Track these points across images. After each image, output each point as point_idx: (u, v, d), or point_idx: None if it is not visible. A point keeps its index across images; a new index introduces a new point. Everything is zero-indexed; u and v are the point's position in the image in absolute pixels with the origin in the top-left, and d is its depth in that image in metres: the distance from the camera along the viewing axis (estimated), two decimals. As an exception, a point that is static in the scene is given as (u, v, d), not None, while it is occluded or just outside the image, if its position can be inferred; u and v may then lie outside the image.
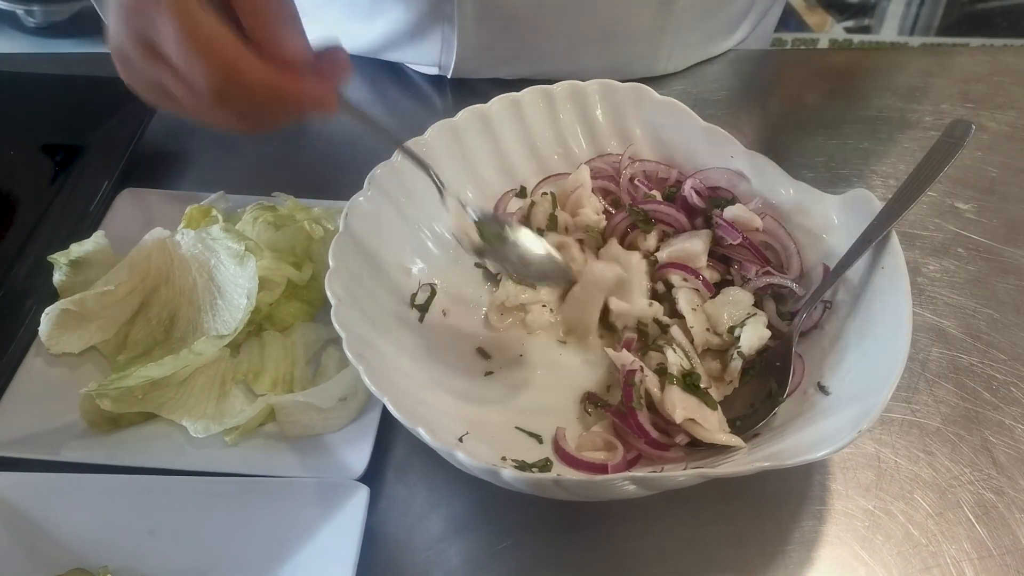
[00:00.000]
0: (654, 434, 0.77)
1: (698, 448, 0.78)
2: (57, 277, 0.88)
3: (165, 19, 0.65)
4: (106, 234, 0.92)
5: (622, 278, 0.87)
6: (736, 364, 0.82)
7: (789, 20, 3.33)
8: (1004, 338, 0.91)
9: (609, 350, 0.82)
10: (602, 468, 0.75)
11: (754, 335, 0.83)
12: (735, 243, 0.87)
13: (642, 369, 0.79)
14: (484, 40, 1.18)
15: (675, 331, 0.84)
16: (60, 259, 0.88)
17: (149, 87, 0.72)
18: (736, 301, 0.85)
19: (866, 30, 3.41)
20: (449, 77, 1.23)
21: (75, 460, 0.78)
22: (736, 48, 1.35)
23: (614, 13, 1.16)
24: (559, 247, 0.90)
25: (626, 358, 0.80)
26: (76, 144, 1.05)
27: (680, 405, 0.76)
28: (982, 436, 0.83)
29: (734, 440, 0.76)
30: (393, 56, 1.26)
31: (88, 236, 0.91)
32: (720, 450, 0.76)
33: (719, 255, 0.90)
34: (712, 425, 0.76)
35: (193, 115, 0.71)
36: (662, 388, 0.79)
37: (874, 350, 0.75)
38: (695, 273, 0.86)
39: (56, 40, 2.03)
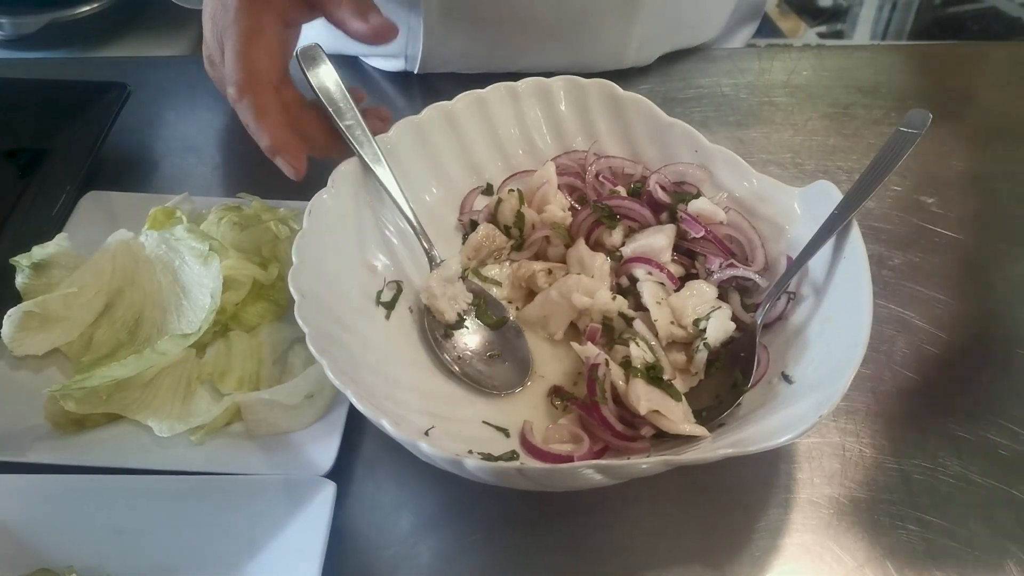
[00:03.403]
0: (619, 427, 0.78)
1: (664, 439, 0.78)
2: (20, 280, 0.87)
3: (231, 35, 0.87)
4: (69, 237, 0.92)
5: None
6: (701, 356, 0.83)
7: (762, 26, 3.35)
8: (966, 327, 0.92)
9: (575, 344, 0.83)
10: (568, 460, 0.75)
11: (719, 327, 0.83)
12: (699, 236, 0.87)
13: (606, 363, 0.80)
14: (451, 30, 1.18)
15: (638, 324, 0.84)
16: (22, 261, 0.87)
17: (218, 82, 0.96)
18: (700, 294, 0.85)
19: (839, 35, 3.44)
20: (416, 72, 1.23)
21: (40, 461, 0.77)
22: (705, 47, 1.36)
23: (582, 3, 1.17)
24: (527, 278, 0.91)
25: (591, 351, 0.80)
26: (40, 148, 1.04)
27: (644, 397, 0.77)
28: (945, 425, 0.84)
29: (698, 430, 0.76)
30: (358, 48, 1.27)
31: (51, 239, 0.91)
32: (686, 440, 0.77)
33: (684, 249, 0.90)
34: (677, 416, 0.77)
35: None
36: (627, 381, 0.79)
37: (836, 338, 0.76)
38: (659, 267, 0.87)
39: (25, 52, 2.02)
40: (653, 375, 0.79)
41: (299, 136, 0.88)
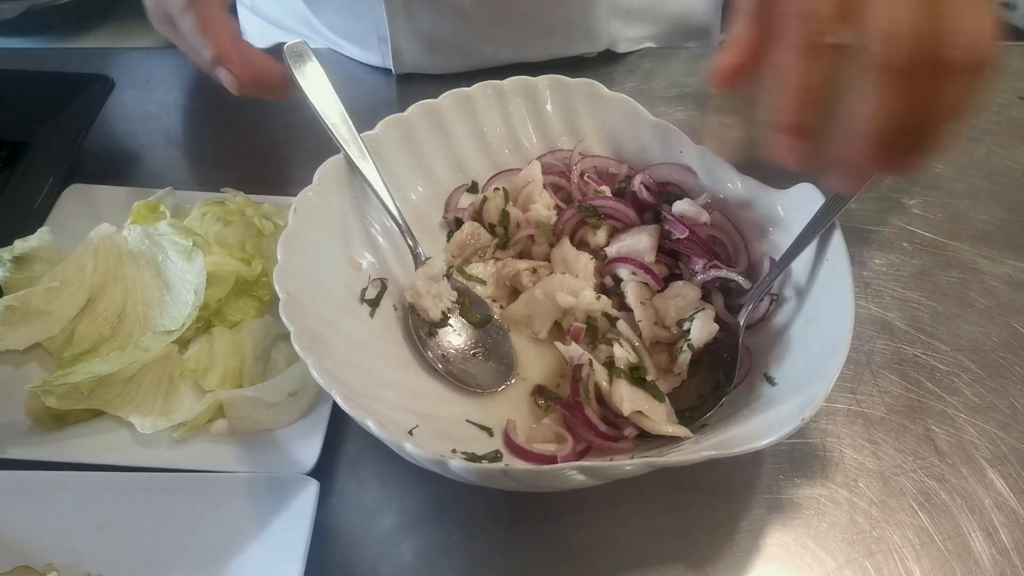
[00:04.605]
0: (602, 427, 0.78)
1: (648, 439, 0.78)
2: (0, 274, 0.87)
3: None
4: (52, 230, 0.91)
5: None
6: (685, 357, 0.83)
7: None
8: (947, 330, 0.93)
9: (559, 344, 0.83)
10: (551, 459, 0.76)
11: (703, 328, 0.83)
12: (683, 237, 0.88)
13: (590, 363, 0.80)
14: (416, 30, 1.18)
15: (621, 325, 0.85)
16: (3, 255, 0.87)
17: (167, 20, 0.93)
18: (683, 295, 0.86)
19: (820, 32, 3.44)
20: (395, 72, 1.23)
21: (20, 457, 0.77)
22: (689, 47, 1.36)
23: None
24: (511, 277, 0.92)
25: (575, 351, 0.81)
26: (22, 140, 1.03)
27: (628, 398, 0.77)
28: (925, 425, 0.84)
29: (681, 431, 0.76)
30: (340, 46, 1.27)
31: (33, 232, 0.90)
32: (669, 441, 0.77)
33: (668, 249, 0.90)
34: (660, 417, 0.77)
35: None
36: (610, 382, 0.79)
37: (818, 340, 0.76)
38: (643, 267, 0.87)
39: (3, 39, 2.01)
40: (636, 376, 0.79)
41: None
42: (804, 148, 0.59)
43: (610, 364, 0.81)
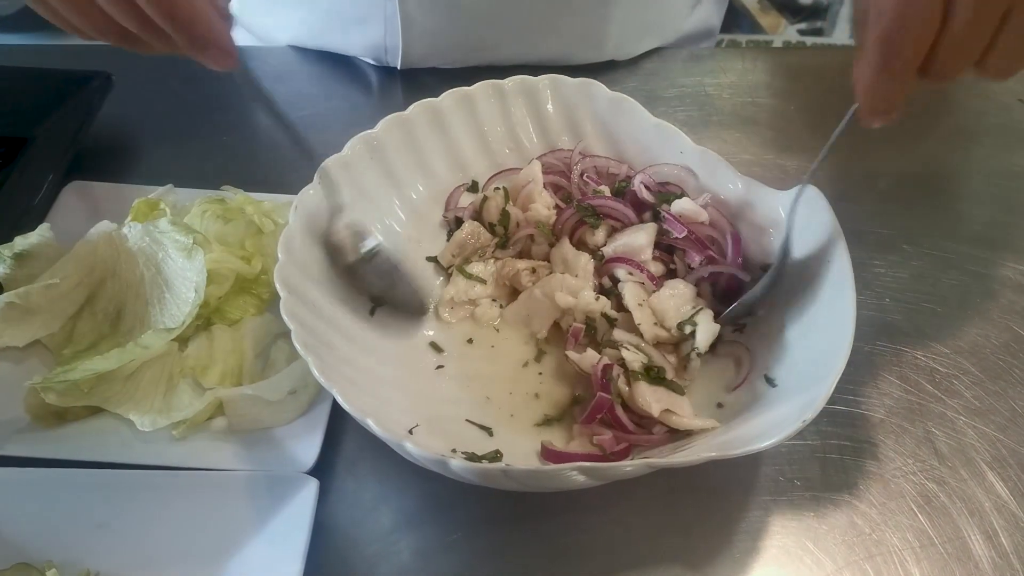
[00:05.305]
0: (631, 426, 0.78)
1: (676, 433, 0.79)
2: (0, 270, 0.87)
3: None
4: (51, 227, 0.91)
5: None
6: (696, 364, 0.83)
7: (743, 22, 3.36)
8: (947, 332, 0.93)
9: (570, 352, 0.83)
10: (598, 457, 0.76)
11: (707, 331, 0.83)
12: (680, 236, 0.88)
13: (621, 364, 0.81)
14: (428, 21, 1.18)
15: (618, 332, 0.85)
16: (3, 252, 0.87)
17: None
18: (679, 294, 0.86)
19: (819, 32, 3.45)
20: (399, 68, 1.23)
21: (19, 454, 0.77)
22: (688, 47, 1.36)
23: None
24: (511, 276, 0.92)
25: (592, 358, 0.81)
26: (22, 136, 1.03)
27: (653, 398, 0.78)
28: (925, 428, 0.84)
29: (709, 423, 0.77)
30: (336, 43, 1.26)
31: (33, 229, 0.90)
32: (695, 434, 0.78)
33: (665, 246, 0.90)
34: (686, 412, 0.78)
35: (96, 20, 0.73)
36: (629, 385, 0.80)
37: (819, 342, 0.76)
38: (639, 267, 0.87)
39: (3, 35, 2.00)
40: (654, 375, 0.79)
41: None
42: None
43: (623, 367, 0.81)
